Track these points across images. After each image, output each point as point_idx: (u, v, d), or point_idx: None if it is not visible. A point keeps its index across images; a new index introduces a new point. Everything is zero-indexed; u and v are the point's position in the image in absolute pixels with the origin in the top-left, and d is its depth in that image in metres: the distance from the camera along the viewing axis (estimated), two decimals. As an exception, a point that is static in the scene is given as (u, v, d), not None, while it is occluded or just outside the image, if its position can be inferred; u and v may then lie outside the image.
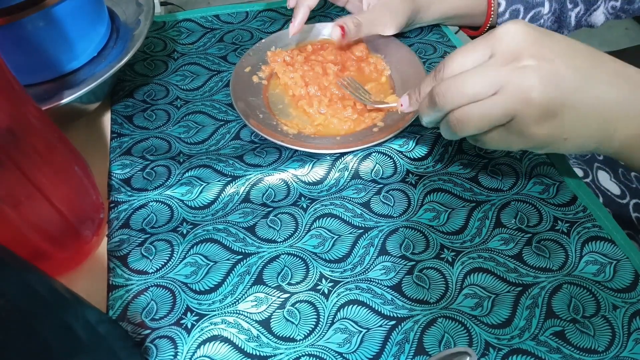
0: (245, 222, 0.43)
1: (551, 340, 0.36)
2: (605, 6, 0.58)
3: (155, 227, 0.42)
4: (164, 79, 0.56)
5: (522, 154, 0.47)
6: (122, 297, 0.38)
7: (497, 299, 0.38)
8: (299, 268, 0.40)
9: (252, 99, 0.50)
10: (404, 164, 0.47)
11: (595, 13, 0.59)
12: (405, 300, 0.38)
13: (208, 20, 0.64)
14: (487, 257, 0.40)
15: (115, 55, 0.49)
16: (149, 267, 0.39)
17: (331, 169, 0.46)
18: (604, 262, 0.40)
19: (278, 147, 0.47)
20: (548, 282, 0.39)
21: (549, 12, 0.57)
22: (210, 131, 0.50)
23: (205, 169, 0.45)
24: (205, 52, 0.59)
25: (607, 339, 0.36)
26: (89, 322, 0.29)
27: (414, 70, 0.52)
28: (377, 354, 0.35)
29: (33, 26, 0.42)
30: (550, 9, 0.57)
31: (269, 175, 0.45)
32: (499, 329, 0.36)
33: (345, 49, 0.55)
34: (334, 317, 0.37)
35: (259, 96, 0.51)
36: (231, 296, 0.38)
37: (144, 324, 0.36)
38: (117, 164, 0.46)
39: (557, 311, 0.37)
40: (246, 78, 0.52)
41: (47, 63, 0.46)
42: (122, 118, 0.51)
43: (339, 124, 0.48)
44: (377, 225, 0.42)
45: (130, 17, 0.53)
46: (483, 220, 0.43)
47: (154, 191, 0.44)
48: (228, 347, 0.35)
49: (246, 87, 0.51)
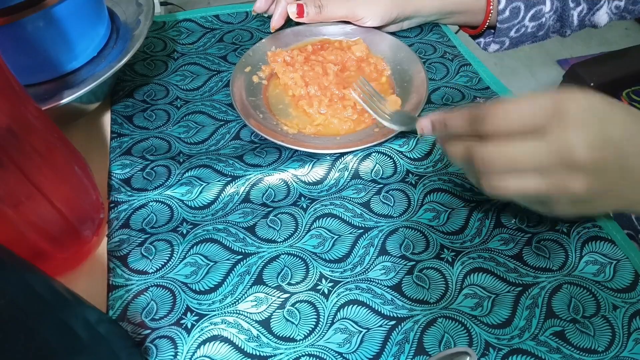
0: (245, 222, 0.43)
1: (551, 340, 0.36)
2: (609, 6, 0.58)
3: (155, 227, 0.42)
4: (164, 79, 0.56)
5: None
6: (122, 297, 0.38)
7: (497, 299, 0.38)
8: (299, 268, 0.40)
9: (252, 99, 0.50)
10: (404, 164, 0.47)
11: (598, 13, 0.58)
12: (405, 300, 0.38)
13: (208, 20, 0.64)
14: (487, 257, 0.40)
15: (115, 55, 0.49)
16: (149, 267, 0.39)
17: (331, 169, 0.46)
18: (604, 262, 0.40)
19: (278, 147, 0.47)
20: (548, 282, 0.39)
21: (551, 10, 0.57)
22: (210, 131, 0.50)
23: (205, 169, 0.45)
24: (205, 52, 0.59)
25: (607, 339, 0.36)
26: (89, 322, 0.29)
27: (414, 70, 0.52)
28: (377, 354, 0.35)
29: (33, 26, 0.42)
30: (552, 7, 0.57)
31: (269, 175, 0.45)
32: (499, 329, 0.36)
33: (346, 49, 0.55)
34: (334, 317, 0.37)
35: (259, 96, 0.51)
36: (231, 296, 0.38)
37: (144, 324, 0.36)
38: (117, 164, 0.46)
39: (557, 311, 0.37)
40: (246, 78, 0.52)
41: (47, 63, 0.45)
42: (122, 118, 0.51)
43: (339, 124, 0.48)
44: (377, 225, 0.42)
45: (130, 17, 0.53)
46: (483, 220, 0.43)
47: (154, 191, 0.44)
48: (228, 347, 0.35)
49: (246, 87, 0.51)
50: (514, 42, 0.60)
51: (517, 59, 1.80)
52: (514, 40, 0.60)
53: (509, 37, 0.59)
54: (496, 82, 0.55)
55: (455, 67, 0.57)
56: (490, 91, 0.54)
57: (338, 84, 0.51)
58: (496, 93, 0.54)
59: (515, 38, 0.59)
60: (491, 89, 0.55)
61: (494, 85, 0.55)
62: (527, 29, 0.58)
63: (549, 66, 1.77)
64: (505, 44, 0.61)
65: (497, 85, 0.55)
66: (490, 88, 0.55)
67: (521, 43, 0.61)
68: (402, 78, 0.52)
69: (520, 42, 0.60)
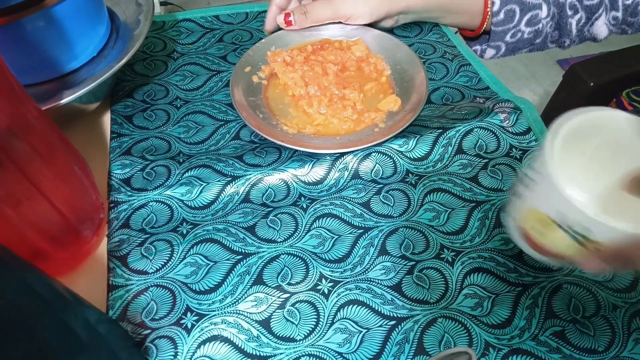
0: (245, 222, 0.43)
1: (551, 340, 0.36)
2: (607, 17, 0.57)
3: (155, 227, 0.42)
4: (164, 79, 0.56)
5: (522, 154, 0.47)
6: (122, 297, 0.38)
7: (497, 299, 0.38)
8: (299, 268, 0.40)
9: (252, 99, 0.50)
10: (404, 164, 0.47)
11: (597, 23, 0.57)
12: (405, 300, 0.38)
13: (208, 20, 0.64)
14: (487, 257, 0.40)
15: (115, 55, 0.49)
16: (148, 267, 0.39)
17: (331, 169, 0.46)
18: (604, 262, 0.40)
19: (278, 147, 0.47)
20: (548, 282, 0.39)
21: (547, 15, 0.56)
22: (210, 131, 0.50)
23: (205, 169, 0.45)
24: (205, 52, 0.59)
25: (607, 339, 0.36)
26: (89, 322, 0.29)
27: (414, 70, 0.52)
28: (377, 354, 0.35)
29: (33, 26, 0.42)
30: (549, 12, 0.56)
31: (268, 175, 0.45)
32: (499, 329, 0.36)
33: (346, 49, 0.55)
34: (334, 317, 0.37)
35: (259, 96, 0.51)
36: (231, 296, 0.38)
37: (144, 324, 0.36)
38: (117, 164, 0.46)
39: (557, 311, 0.37)
40: (246, 78, 0.52)
41: (47, 63, 0.45)
42: (122, 118, 0.51)
43: (339, 124, 0.48)
44: (377, 225, 0.42)
45: (130, 17, 0.53)
46: (483, 220, 0.43)
47: (153, 191, 0.44)
48: (228, 347, 0.35)
49: (246, 87, 0.51)
50: (510, 47, 0.60)
51: (517, 59, 1.80)
52: (510, 46, 0.60)
53: (505, 42, 0.59)
54: (496, 82, 0.55)
55: (455, 67, 0.57)
56: (490, 91, 0.54)
57: (338, 84, 0.51)
58: (496, 93, 0.54)
59: (511, 44, 0.59)
60: (491, 89, 0.55)
61: (494, 85, 0.55)
62: (523, 34, 0.58)
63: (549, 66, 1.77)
64: (501, 49, 0.60)
65: (497, 85, 0.55)
66: (490, 88, 0.55)
67: (518, 50, 0.60)
68: (401, 78, 0.52)
69: (517, 48, 0.60)
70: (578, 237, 0.28)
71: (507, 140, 0.48)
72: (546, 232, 0.30)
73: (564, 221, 0.28)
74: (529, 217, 0.31)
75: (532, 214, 0.31)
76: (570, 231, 0.28)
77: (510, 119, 0.49)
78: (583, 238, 0.28)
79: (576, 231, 0.28)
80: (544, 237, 0.31)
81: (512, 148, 0.48)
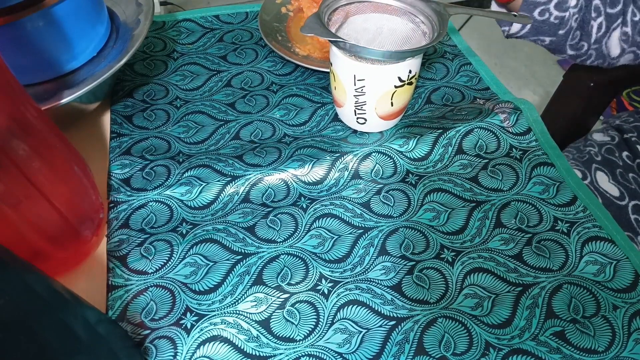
0: (245, 222, 0.43)
1: (551, 341, 0.36)
2: (621, 30, 0.56)
3: (155, 227, 0.42)
4: (164, 79, 0.56)
5: (522, 154, 0.47)
6: (122, 297, 0.38)
7: (497, 299, 0.38)
8: (299, 268, 0.40)
9: (276, 24, 0.59)
10: (404, 164, 0.47)
11: (613, 35, 0.56)
12: (405, 300, 0.38)
13: (208, 20, 0.64)
14: (487, 257, 0.40)
15: (114, 55, 0.49)
16: (148, 267, 0.39)
17: (331, 169, 0.46)
18: (604, 262, 0.40)
19: (278, 147, 0.47)
20: (548, 282, 0.39)
21: (576, 6, 0.55)
22: (210, 131, 0.50)
23: (205, 168, 0.45)
24: (205, 52, 0.59)
25: (607, 339, 0.36)
26: (88, 322, 0.29)
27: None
28: (377, 354, 0.35)
29: (33, 26, 0.42)
30: (577, 3, 0.55)
31: (268, 175, 0.45)
32: (499, 329, 0.36)
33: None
34: (334, 318, 0.37)
35: (283, 23, 0.60)
36: (231, 296, 0.38)
37: (144, 324, 0.36)
38: (116, 164, 0.46)
39: (557, 311, 0.37)
40: (276, 8, 0.61)
41: (47, 63, 0.45)
42: (122, 118, 0.51)
43: None
44: (377, 225, 0.42)
45: (130, 16, 0.52)
46: (483, 220, 0.43)
47: (153, 191, 0.44)
48: (228, 347, 0.35)
49: (274, 15, 0.60)
50: (534, 27, 0.58)
51: (517, 59, 1.80)
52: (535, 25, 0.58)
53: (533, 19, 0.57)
54: (496, 82, 0.55)
55: (456, 67, 0.57)
56: (490, 91, 0.54)
57: None
58: (496, 94, 0.54)
59: (537, 23, 0.57)
60: (491, 89, 0.55)
61: (494, 85, 0.55)
62: (550, 16, 0.56)
63: (549, 66, 1.77)
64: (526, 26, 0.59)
65: (497, 85, 0.55)
66: (490, 88, 0.55)
67: (541, 34, 0.58)
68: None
69: (541, 31, 0.58)
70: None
71: (507, 141, 0.48)
72: None
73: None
74: None
75: None
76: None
77: (510, 119, 0.49)
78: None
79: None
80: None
81: (512, 148, 0.48)
